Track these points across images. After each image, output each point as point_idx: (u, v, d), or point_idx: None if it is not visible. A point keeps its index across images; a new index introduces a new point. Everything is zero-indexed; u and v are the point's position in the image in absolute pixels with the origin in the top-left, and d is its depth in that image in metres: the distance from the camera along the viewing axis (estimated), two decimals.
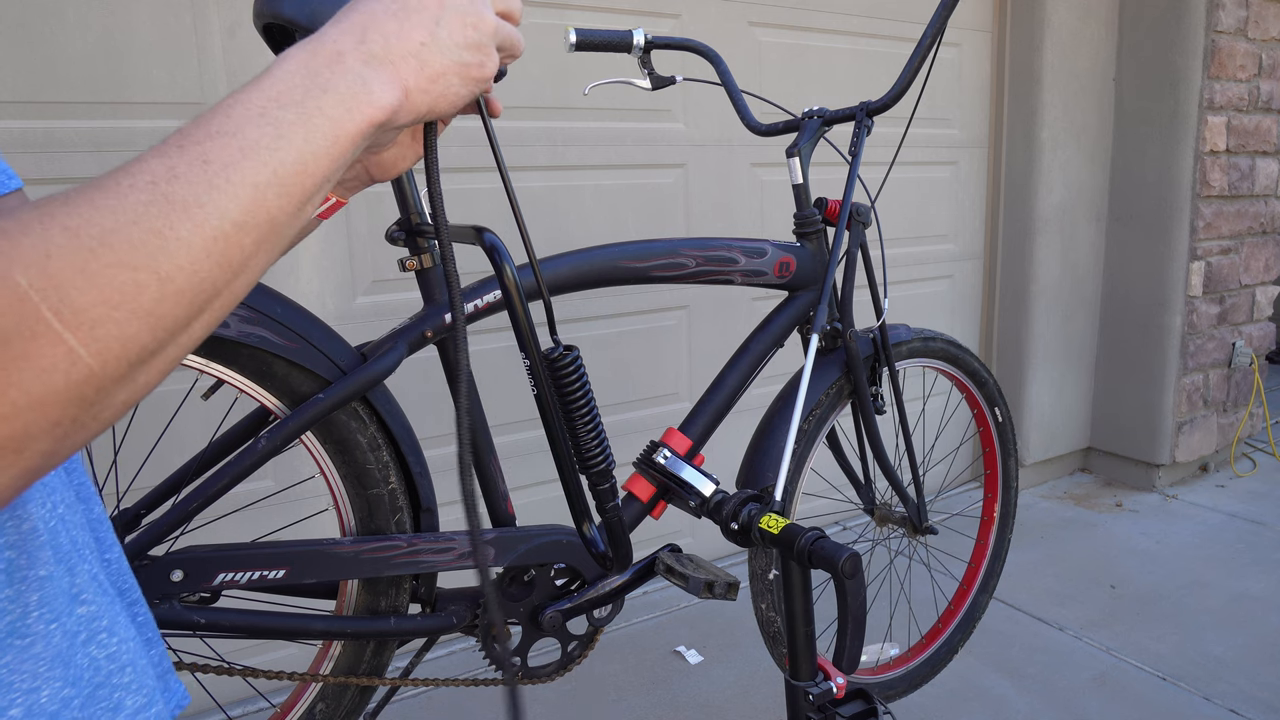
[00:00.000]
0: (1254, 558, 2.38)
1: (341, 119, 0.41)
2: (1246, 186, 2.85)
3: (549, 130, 1.96)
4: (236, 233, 0.36)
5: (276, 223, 0.39)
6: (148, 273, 0.33)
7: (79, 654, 0.41)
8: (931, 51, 1.21)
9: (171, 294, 0.34)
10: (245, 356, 1.00)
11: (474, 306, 1.11)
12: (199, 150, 0.36)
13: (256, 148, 0.38)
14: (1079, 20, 2.67)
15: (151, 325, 0.34)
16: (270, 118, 0.39)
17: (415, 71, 0.45)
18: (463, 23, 0.48)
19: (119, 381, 0.33)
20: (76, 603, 0.42)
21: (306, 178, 0.40)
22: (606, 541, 1.14)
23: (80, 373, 0.32)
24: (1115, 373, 2.95)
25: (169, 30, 1.54)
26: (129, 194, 0.34)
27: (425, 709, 1.74)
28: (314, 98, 0.41)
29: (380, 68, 0.44)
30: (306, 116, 0.40)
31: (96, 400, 0.33)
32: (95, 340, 0.32)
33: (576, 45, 1.27)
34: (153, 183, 0.34)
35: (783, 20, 2.28)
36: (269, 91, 0.40)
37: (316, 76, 0.41)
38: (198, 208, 0.35)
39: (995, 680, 1.83)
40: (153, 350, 0.34)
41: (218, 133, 0.37)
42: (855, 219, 1.34)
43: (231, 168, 0.37)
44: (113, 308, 0.32)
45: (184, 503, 0.99)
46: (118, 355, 0.33)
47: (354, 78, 0.42)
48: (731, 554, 2.43)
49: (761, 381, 2.40)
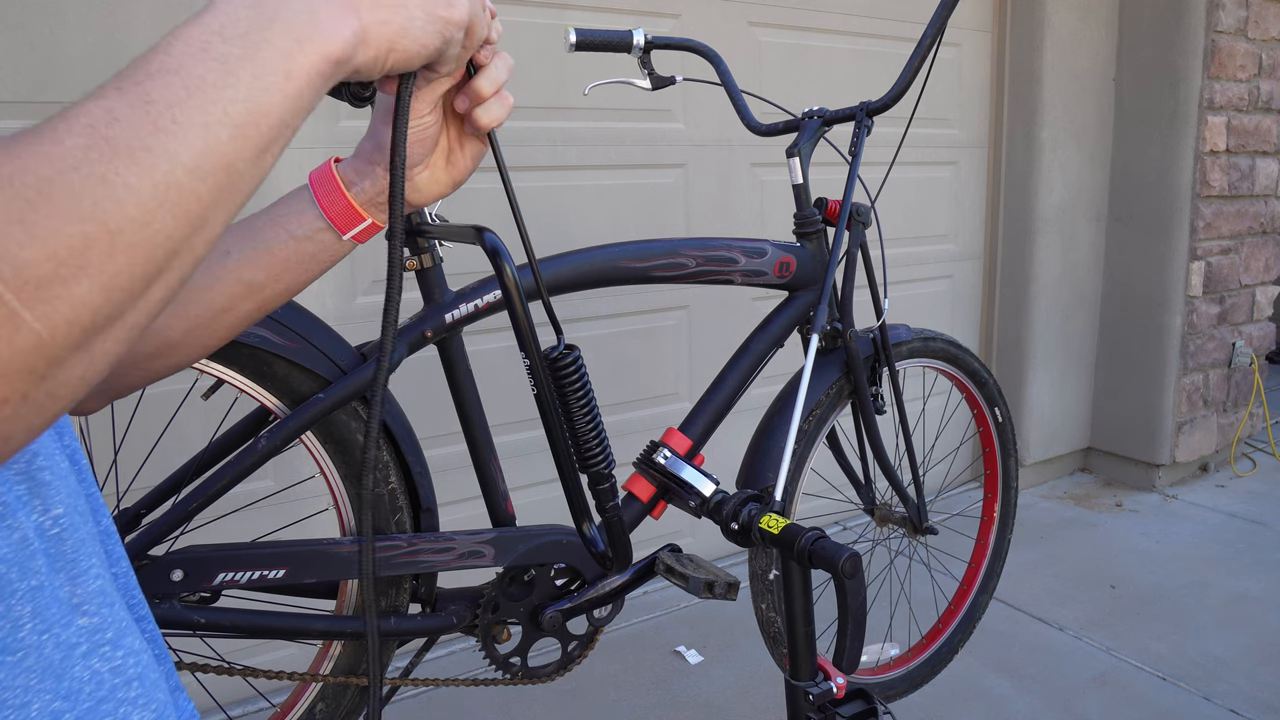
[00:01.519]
0: (1254, 558, 2.38)
1: (291, 51, 0.38)
2: (1246, 186, 2.85)
3: (549, 130, 1.96)
4: (190, 179, 0.33)
5: (233, 169, 0.35)
6: (95, 224, 0.30)
7: (77, 666, 0.39)
8: (931, 51, 1.21)
9: (123, 248, 0.31)
10: (245, 356, 1.00)
11: (474, 306, 1.11)
12: (139, 91, 0.33)
13: (202, 85, 0.34)
14: (1079, 20, 2.67)
15: (104, 285, 0.30)
16: (214, 52, 0.35)
17: (370, 2, 0.42)
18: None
19: (73, 350, 0.30)
20: (77, 614, 0.40)
21: (260, 118, 0.36)
22: (606, 541, 1.14)
23: (26, 340, 0.28)
24: (1115, 373, 2.95)
25: (169, 30, 1.53)
26: (66, 139, 0.30)
27: (425, 709, 1.74)
28: (259, 29, 0.37)
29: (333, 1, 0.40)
30: (253, 50, 0.36)
31: (47, 372, 0.29)
32: (40, 302, 0.28)
33: (576, 45, 1.27)
34: (91, 126, 0.31)
35: (783, 20, 2.28)
36: (211, 24, 0.36)
37: (261, 6, 0.38)
38: (144, 151, 0.32)
39: (995, 680, 1.83)
40: (108, 314, 0.31)
41: (158, 70, 0.34)
42: (855, 219, 1.34)
43: (177, 107, 0.33)
44: (58, 264, 0.29)
45: (184, 503, 1.00)
46: (68, 319, 0.29)
47: (302, 7, 0.39)
48: (731, 554, 2.43)
49: (761, 381, 2.40)
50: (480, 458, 1.16)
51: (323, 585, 1.16)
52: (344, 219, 0.58)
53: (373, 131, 0.57)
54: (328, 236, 0.58)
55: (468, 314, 1.11)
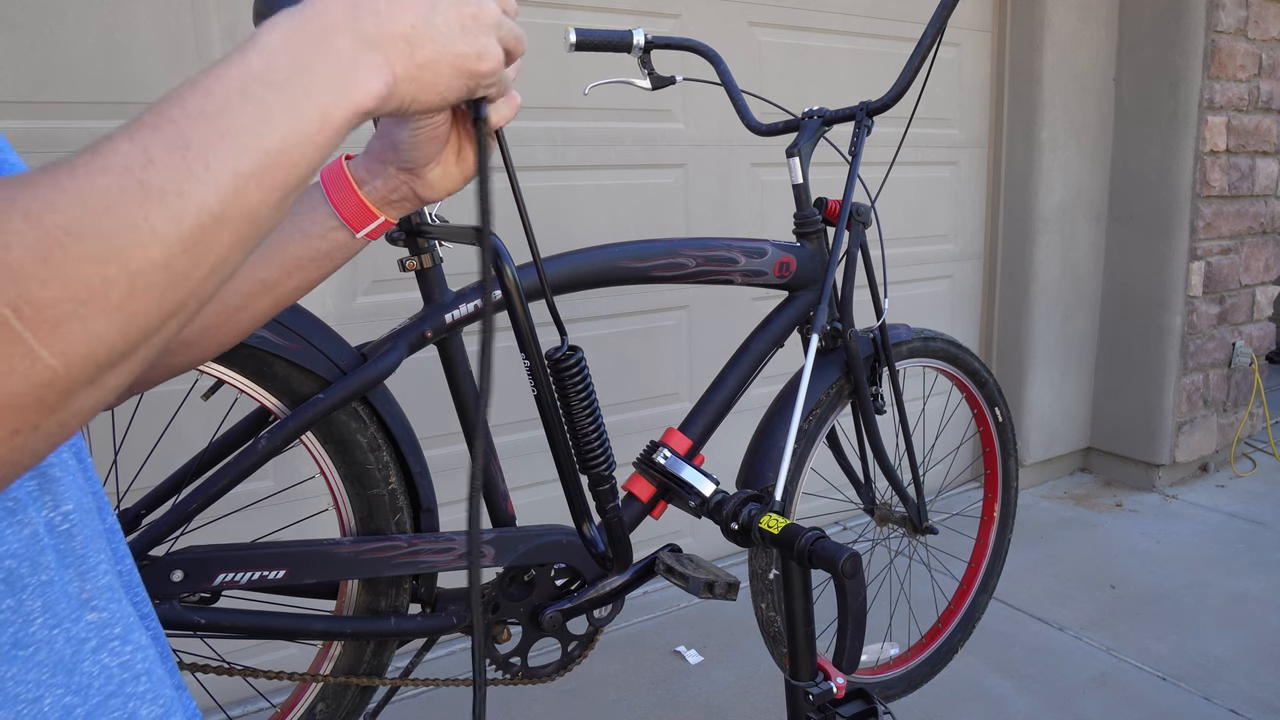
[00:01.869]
0: (1254, 558, 2.38)
1: (328, 105, 0.38)
2: (1246, 186, 2.85)
3: (549, 130, 1.96)
4: (215, 225, 0.34)
5: (257, 216, 0.36)
6: (118, 267, 0.30)
7: (86, 661, 0.39)
8: (931, 51, 1.21)
9: (142, 290, 0.31)
10: (245, 356, 1.00)
11: (474, 307, 1.11)
12: (176, 132, 0.33)
13: (239, 132, 0.35)
14: (1079, 20, 2.67)
15: (121, 324, 0.31)
16: (254, 98, 0.36)
17: (404, 56, 0.42)
18: (460, 12, 0.44)
19: (85, 385, 0.31)
20: (86, 609, 0.40)
21: (291, 168, 0.37)
22: (606, 541, 1.14)
23: (42, 375, 0.29)
24: (1115, 373, 2.95)
25: (169, 30, 1.54)
26: (99, 178, 0.31)
27: (425, 709, 1.74)
28: (300, 79, 0.37)
29: (370, 50, 0.40)
30: (293, 99, 0.37)
31: (59, 405, 0.30)
32: (58, 340, 0.29)
33: (576, 45, 1.27)
34: (127, 168, 0.32)
35: (783, 20, 2.28)
36: (254, 66, 0.36)
37: (303, 54, 0.38)
38: (176, 197, 0.32)
39: (995, 680, 1.83)
40: (122, 351, 0.31)
41: (198, 113, 0.34)
42: (855, 219, 1.34)
43: (212, 154, 0.34)
44: (79, 304, 0.29)
45: (184, 503, 1.00)
46: (83, 356, 0.30)
47: (344, 60, 0.39)
48: (731, 554, 2.43)
49: (761, 381, 2.40)
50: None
51: (323, 585, 1.16)
52: (356, 217, 0.58)
53: (384, 130, 0.58)
54: (341, 235, 0.58)
55: (468, 314, 1.11)
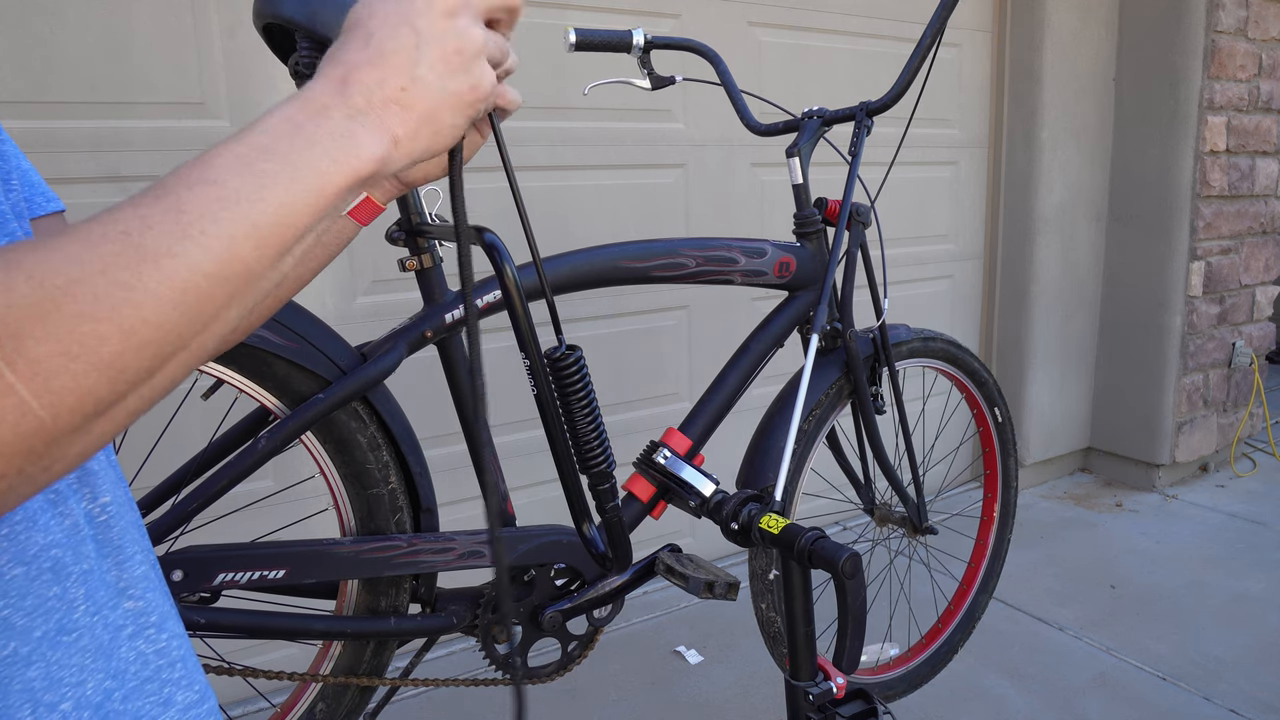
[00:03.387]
0: (1254, 558, 2.38)
1: (327, 171, 0.40)
2: (1246, 186, 2.85)
3: (548, 130, 1.96)
4: (208, 284, 0.35)
5: (252, 274, 0.37)
6: (110, 324, 0.32)
7: (124, 647, 0.41)
8: (931, 51, 1.21)
9: (134, 347, 0.33)
10: (245, 356, 1.00)
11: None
12: (174, 200, 0.35)
13: (236, 198, 0.37)
14: (1079, 20, 2.67)
15: (110, 378, 0.32)
16: (253, 168, 0.38)
17: (400, 118, 0.44)
18: (443, 52, 0.45)
19: (72, 434, 0.32)
20: (124, 597, 0.42)
21: (286, 229, 0.38)
22: (606, 542, 1.14)
23: (29, 425, 0.30)
24: (1115, 373, 2.95)
25: (169, 30, 1.54)
26: (100, 244, 0.33)
27: (425, 709, 1.74)
28: (298, 150, 0.40)
29: (365, 120, 0.42)
30: (291, 168, 0.39)
31: (46, 453, 0.32)
32: (49, 392, 0.30)
33: (576, 45, 1.27)
34: (125, 233, 0.33)
35: (783, 20, 2.28)
36: (253, 142, 0.39)
37: (301, 129, 0.40)
38: (168, 258, 0.34)
39: (995, 680, 1.83)
40: (110, 402, 0.33)
41: (197, 181, 0.36)
42: (855, 219, 1.34)
43: (207, 217, 0.35)
44: (70, 359, 0.31)
45: (184, 503, 1.00)
46: (71, 408, 0.31)
47: (339, 131, 0.41)
48: (731, 554, 2.43)
49: (761, 381, 2.40)
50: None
51: (323, 585, 1.16)
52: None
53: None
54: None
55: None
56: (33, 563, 0.38)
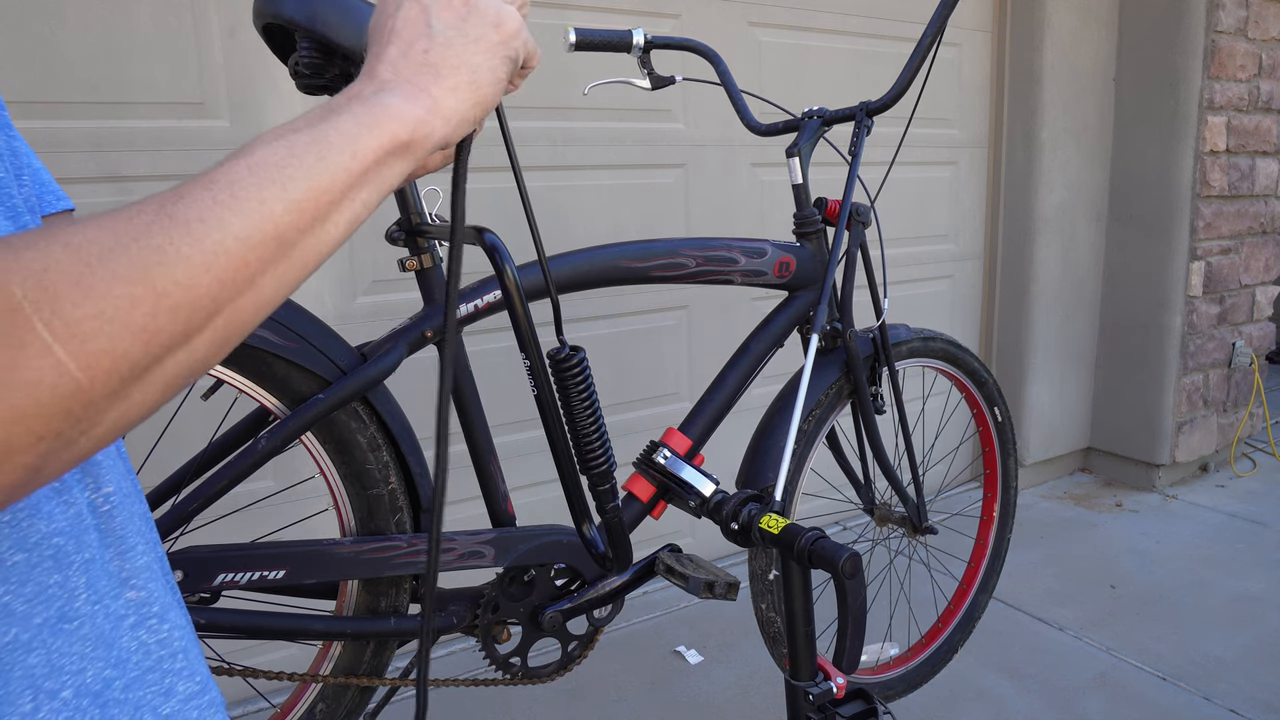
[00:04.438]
0: (1254, 558, 2.38)
1: (357, 134, 0.41)
2: (1246, 186, 2.85)
3: (549, 130, 1.96)
4: (239, 247, 0.36)
5: (285, 239, 0.38)
6: (143, 287, 0.33)
7: (125, 637, 0.42)
8: (931, 51, 1.21)
9: (166, 309, 0.34)
10: (245, 356, 1.00)
11: (474, 306, 1.11)
12: (209, 176, 0.37)
13: (265, 165, 0.38)
14: (1079, 20, 2.67)
15: (145, 340, 0.33)
16: (284, 140, 0.39)
17: (434, 79, 0.46)
18: (450, 2, 0.47)
19: (109, 397, 0.33)
20: (126, 587, 0.43)
21: (320, 193, 0.39)
22: (606, 542, 1.14)
23: (67, 386, 0.31)
24: (1115, 373, 2.95)
25: (169, 30, 1.54)
26: (136, 216, 0.34)
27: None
28: (329, 120, 0.41)
29: (394, 87, 0.44)
30: (320, 135, 0.40)
31: (84, 415, 0.32)
32: (85, 354, 0.31)
33: (576, 45, 1.27)
34: (160, 205, 0.35)
35: (783, 20, 2.28)
36: (290, 124, 0.41)
37: (332, 108, 0.42)
38: (199, 223, 0.35)
39: (995, 680, 1.83)
40: (145, 365, 0.34)
41: (230, 159, 0.38)
42: (855, 219, 1.34)
43: (237, 184, 0.37)
44: (105, 321, 0.32)
45: (184, 503, 1.00)
46: (107, 369, 0.32)
47: (370, 101, 0.43)
48: (731, 554, 2.43)
49: (761, 381, 2.40)
50: (480, 458, 1.16)
51: (323, 585, 1.16)
52: None
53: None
54: None
55: (468, 314, 1.11)
56: (34, 550, 0.38)
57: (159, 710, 0.43)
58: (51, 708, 0.37)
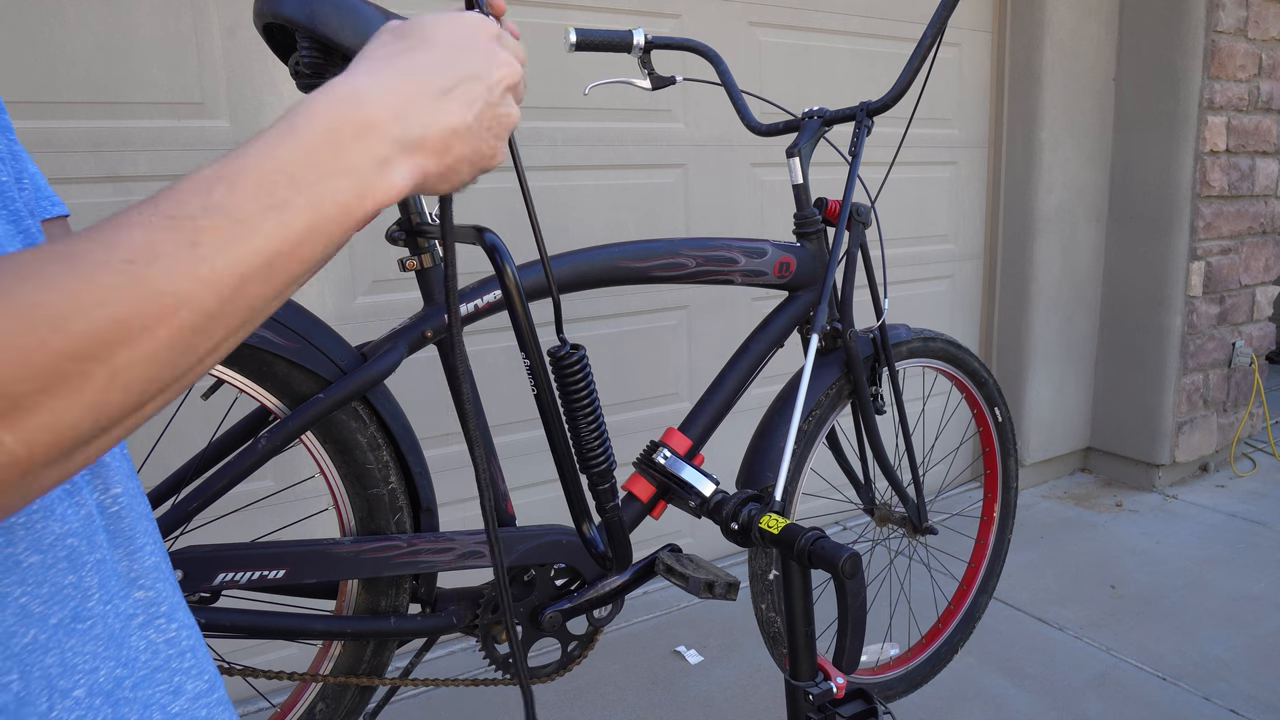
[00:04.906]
0: (1254, 558, 2.38)
1: (352, 206, 0.38)
2: (1246, 186, 2.85)
3: (549, 130, 1.96)
4: (208, 324, 0.33)
5: (254, 310, 0.35)
6: (99, 363, 0.29)
7: (134, 636, 0.42)
8: (932, 51, 1.21)
9: (121, 384, 0.30)
10: (245, 356, 1.00)
11: (474, 306, 1.11)
12: (190, 229, 0.32)
13: (254, 234, 0.34)
14: (1079, 20, 2.67)
15: (94, 415, 0.30)
16: (279, 198, 0.35)
17: (437, 159, 0.42)
18: (494, 112, 0.44)
19: (49, 466, 0.30)
20: (134, 587, 0.43)
21: (298, 264, 0.36)
22: (606, 541, 1.14)
23: (3, 458, 0.28)
24: (1115, 373, 2.95)
25: (169, 30, 1.54)
26: (99, 274, 0.30)
27: (425, 709, 1.74)
28: (328, 180, 0.37)
29: (408, 155, 0.40)
30: (318, 202, 0.36)
31: (19, 484, 0.30)
32: (25, 429, 0.28)
33: (576, 45, 1.27)
34: (130, 262, 0.31)
35: (783, 20, 2.28)
36: (287, 164, 0.36)
37: (341, 151, 0.37)
38: (171, 297, 0.31)
39: (995, 680, 1.83)
40: (92, 435, 0.31)
41: (216, 208, 0.33)
42: (855, 219, 1.34)
43: (219, 255, 0.33)
44: (51, 396, 0.29)
45: (184, 503, 0.99)
46: (48, 444, 0.29)
47: (379, 162, 0.39)
48: (731, 554, 2.43)
49: (761, 381, 2.40)
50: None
51: (323, 585, 1.16)
52: None
53: None
54: None
55: (468, 314, 1.11)
56: (49, 551, 0.38)
57: (168, 709, 0.43)
58: (64, 706, 0.37)
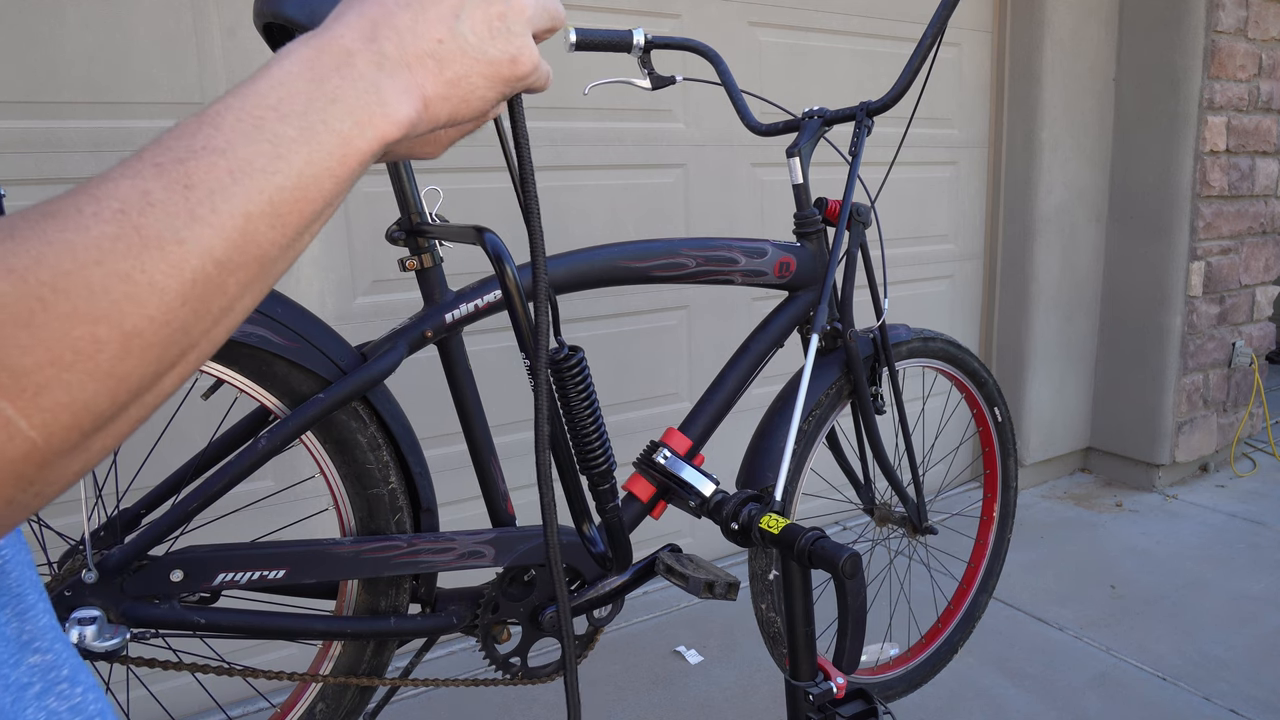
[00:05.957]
0: (1254, 558, 2.38)
1: (351, 135, 0.35)
2: (1246, 186, 2.85)
3: (549, 130, 1.96)
4: (219, 273, 0.30)
5: (267, 258, 0.32)
6: (109, 326, 0.27)
7: (30, 708, 0.36)
8: (932, 51, 1.21)
9: (137, 350, 0.28)
10: (245, 356, 1.00)
11: (474, 306, 1.11)
12: (181, 171, 0.30)
13: (250, 169, 0.31)
14: (1079, 20, 2.67)
15: (111, 388, 0.28)
16: (268, 131, 0.32)
17: (434, 75, 0.38)
18: (487, 9, 0.40)
19: (68, 454, 0.27)
20: (28, 651, 0.37)
21: (305, 204, 0.33)
22: (606, 541, 1.14)
23: (19, 448, 0.26)
24: (1115, 373, 2.95)
25: (169, 30, 1.54)
26: (92, 225, 0.28)
27: (425, 709, 1.74)
28: (319, 108, 0.34)
29: (395, 72, 0.37)
30: (310, 131, 0.33)
31: (38, 477, 0.27)
32: (40, 410, 0.26)
33: (576, 45, 1.27)
34: (122, 211, 0.28)
35: (783, 20, 2.28)
36: (267, 97, 0.33)
37: (323, 82, 0.35)
38: (175, 244, 0.29)
39: (995, 680, 1.83)
40: (110, 415, 0.28)
41: (203, 149, 0.31)
42: (855, 219, 1.34)
43: (218, 194, 0.30)
44: (63, 369, 0.26)
45: (184, 503, 1.00)
46: (67, 425, 0.27)
47: (365, 85, 0.36)
48: (731, 554, 2.43)
49: (761, 381, 2.40)
50: (480, 458, 1.16)
51: (323, 585, 1.16)
52: None
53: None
54: None
55: (468, 314, 1.11)
56: None
57: None
58: None
